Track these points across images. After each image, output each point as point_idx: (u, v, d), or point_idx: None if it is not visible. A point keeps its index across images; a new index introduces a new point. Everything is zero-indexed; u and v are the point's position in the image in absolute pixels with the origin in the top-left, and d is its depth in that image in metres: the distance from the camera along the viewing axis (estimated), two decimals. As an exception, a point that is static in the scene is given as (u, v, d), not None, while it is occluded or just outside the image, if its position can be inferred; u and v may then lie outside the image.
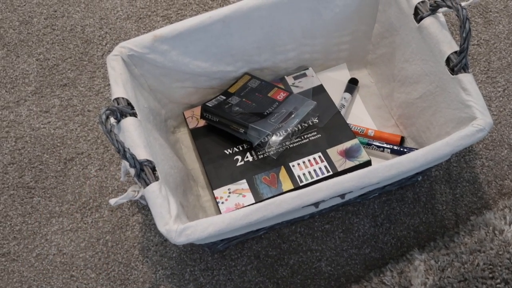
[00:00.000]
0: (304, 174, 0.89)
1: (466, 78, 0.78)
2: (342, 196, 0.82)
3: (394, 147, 0.97)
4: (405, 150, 0.96)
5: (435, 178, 0.99)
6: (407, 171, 0.74)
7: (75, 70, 1.15)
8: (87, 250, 0.96)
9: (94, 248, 0.97)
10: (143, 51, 0.87)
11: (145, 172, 0.73)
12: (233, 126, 0.93)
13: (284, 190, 0.87)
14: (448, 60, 0.81)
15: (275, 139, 0.92)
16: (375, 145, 0.98)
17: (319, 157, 0.91)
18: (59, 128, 1.08)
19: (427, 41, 0.85)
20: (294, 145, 0.93)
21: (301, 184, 0.88)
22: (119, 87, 0.81)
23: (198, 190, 0.98)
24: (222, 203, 0.86)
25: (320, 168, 0.89)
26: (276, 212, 0.71)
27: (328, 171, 0.89)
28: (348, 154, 0.91)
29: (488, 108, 1.01)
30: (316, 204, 0.80)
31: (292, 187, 0.87)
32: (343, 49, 1.06)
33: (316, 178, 0.88)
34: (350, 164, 0.89)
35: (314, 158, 0.91)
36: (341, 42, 1.04)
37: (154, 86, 0.94)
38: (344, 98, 1.04)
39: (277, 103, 0.97)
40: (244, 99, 0.97)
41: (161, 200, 0.71)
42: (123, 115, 0.78)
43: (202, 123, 0.99)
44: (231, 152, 0.94)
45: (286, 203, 0.71)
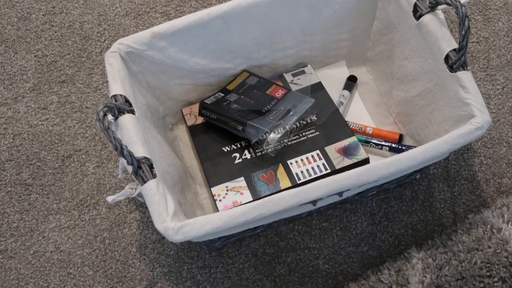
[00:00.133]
0: (302, 172, 0.89)
1: (465, 76, 0.78)
2: (340, 194, 0.82)
3: (393, 145, 0.97)
4: (404, 148, 0.96)
5: (433, 176, 0.99)
6: (405, 169, 0.74)
7: (73, 67, 1.15)
8: (85, 248, 0.96)
9: (92, 246, 0.96)
10: (141, 48, 0.87)
11: (143, 170, 0.73)
12: (231, 124, 0.92)
13: (282, 188, 0.87)
14: (447, 58, 0.80)
15: (273, 137, 0.91)
16: (374, 143, 0.98)
17: (317, 155, 0.91)
18: (57, 125, 1.08)
19: (426, 39, 0.84)
20: (292, 143, 0.93)
21: (299, 182, 0.87)
22: (117, 84, 0.81)
23: (196, 188, 0.97)
24: (220, 201, 0.86)
25: (318, 166, 0.89)
26: (274, 210, 0.71)
27: (326, 169, 0.89)
28: (346, 152, 0.90)
29: (487, 106, 1.01)
30: (314, 202, 0.80)
31: (290, 185, 0.87)
32: (342, 46, 1.06)
33: (314, 176, 0.88)
34: (348, 162, 0.89)
35: (312, 156, 0.91)
36: (340, 39, 1.04)
37: (152, 83, 0.94)
38: (343, 96, 1.04)
39: (276, 101, 0.96)
40: (243, 96, 0.96)
41: (159, 198, 0.71)
42: (121, 112, 0.77)
43: (200, 120, 0.99)
44: (229, 150, 0.94)
45: (284, 201, 0.71)
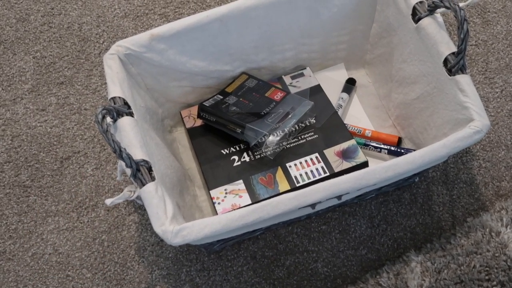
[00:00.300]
0: (301, 175, 0.89)
1: (464, 79, 0.78)
2: (339, 197, 0.82)
3: (391, 148, 0.97)
4: (402, 151, 0.96)
5: (432, 179, 0.99)
6: (404, 173, 0.74)
7: (72, 68, 1.15)
8: (83, 250, 0.96)
9: (90, 248, 0.96)
10: (140, 50, 0.87)
11: (141, 172, 0.73)
12: (230, 126, 0.92)
13: (281, 191, 0.87)
14: (446, 61, 0.80)
15: (272, 139, 0.91)
16: (372, 146, 0.98)
17: (316, 158, 0.91)
18: (56, 127, 1.08)
19: (425, 42, 0.84)
20: (291, 146, 0.93)
21: (298, 185, 0.87)
22: (116, 86, 0.81)
23: (195, 190, 0.97)
24: (219, 204, 0.86)
25: (317, 169, 0.89)
26: (273, 213, 0.71)
27: (325, 172, 0.88)
28: (345, 155, 0.90)
29: (486, 109, 1.01)
30: (313, 205, 0.80)
31: (289, 188, 0.87)
32: (341, 49, 1.06)
33: (313, 179, 0.88)
34: (347, 165, 0.89)
35: (311, 159, 0.91)
36: (339, 42, 1.04)
37: (151, 85, 0.94)
38: (342, 98, 1.04)
39: (274, 103, 0.96)
40: (241, 99, 0.96)
41: (157, 201, 0.71)
42: (120, 115, 0.77)
43: (199, 123, 0.99)
44: (228, 152, 0.93)
45: (283, 204, 0.71)
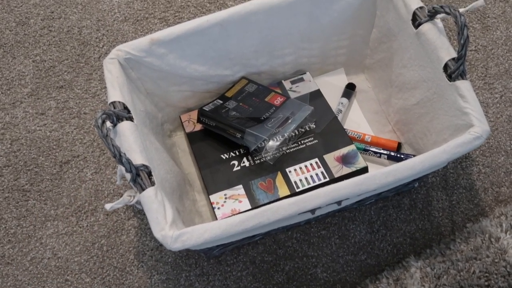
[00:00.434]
0: (301, 180, 0.88)
1: (464, 85, 0.78)
2: (339, 203, 0.81)
3: (391, 153, 0.97)
4: (402, 157, 0.96)
5: (432, 185, 0.99)
6: (404, 178, 0.74)
7: (72, 72, 1.15)
8: (82, 254, 0.96)
9: (89, 252, 0.96)
10: (140, 55, 0.87)
11: (141, 177, 0.73)
12: (230, 131, 0.92)
13: (281, 196, 0.86)
14: (446, 67, 0.80)
15: (272, 144, 0.91)
16: (372, 151, 0.98)
17: (316, 163, 0.91)
18: (55, 131, 1.08)
19: (425, 47, 0.84)
20: (291, 151, 0.93)
21: (298, 190, 0.87)
22: (116, 91, 0.81)
23: (194, 195, 0.97)
24: (218, 209, 0.86)
25: (317, 174, 0.89)
26: (273, 219, 0.71)
27: (325, 177, 0.88)
28: (345, 160, 0.90)
29: (485, 115, 1.01)
30: (313, 211, 0.79)
31: (289, 193, 0.87)
32: (341, 54, 1.06)
33: (313, 184, 0.88)
34: (347, 170, 0.89)
35: (311, 164, 0.91)
36: (339, 47, 1.04)
37: (151, 90, 0.94)
38: (341, 103, 1.04)
39: (274, 108, 0.96)
40: (241, 104, 0.96)
41: (157, 206, 0.71)
42: (120, 119, 0.77)
43: (199, 127, 0.99)
44: (228, 157, 0.93)
45: (283, 210, 0.71)
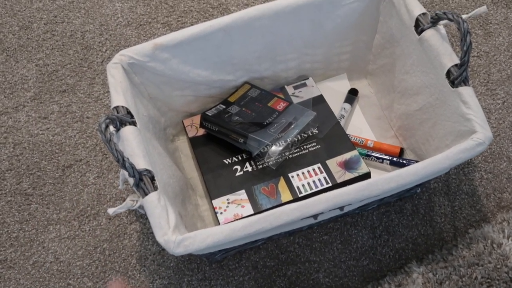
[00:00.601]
0: (303, 185, 0.89)
1: (466, 91, 0.78)
2: (341, 208, 0.81)
3: (394, 159, 0.97)
4: (404, 162, 0.96)
5: (434, 190, 0.99)
6: (407, 184, 0.74)
7: (75, 76, 1.15)
8: (84, 258, 0.96)
9: (91, 257, 0.96)
10: (144, 59, 0.87)
11: (144, 182, 0.73)
12: (233, 136, 0.92)
13: (283, 201, 0.87)
14: (449, 73, 0.80)
15: (275, 149, 0.92)
16: (374, 157, 0.98)
17: (319, 168, 0.91)
18: (58, 135, 1.08)
19: (428, 53, 0.85)
20: (294, 156, 0.93)
21: (300, 195, 0.87)
22: (119, 96, 0.81)
23: (197, 199, 0.97)
24: (221, 214, 0.86)
25: (320, 179, 0.89)
26: (275, 224, 0.71)
27: (328, 183, 0.88)
28: (348, 166, 0.90)
29: (488, 121, 1.01)
30: (315, 216, 0.80)
31: (291, 198, 0.87)
32: (344, 59, 1.06)
33: (315, 190, 0.88)
34: (350, 176, 0.89)
35: (314, 169, 0.91)
36: (342, 52, 1.04)
37: (154, 94, 0.94)
38: (344, 109, 1.04)
39: (277, 113, 0.96)
40: (244, 109, 0.96)
41: (160, 210, 0.71)
42: (123, 124, 0.77)
43: (202, 132, 0.99)
44: (230, 162, 0.93)
45: (286, 215, 0.71)
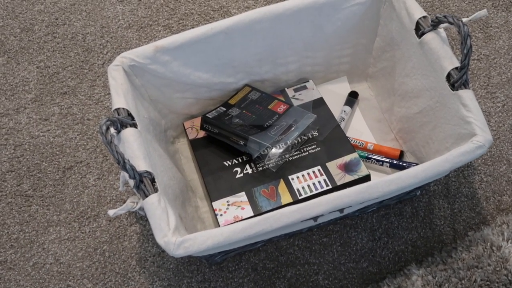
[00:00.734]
0: (303, 188, 0.89)
1: (467, 94, 0.78)
2: (341, 210, 0.82)
3: (393, 161, 0.97)
4: (404, 165, 0.96)
5: (434, 193, 0.99)
6: (407, 187, 0.74)
7: (76, 79, 1.15)
8: (84, 260, 0.96)
9: (91, 258, 0.96)
10: (145, 62, 0.87)
11: (144, 184, 0.73)
12: (233, 138, 0.93)
13: (283, 203, 0.87)
14: (449, 76, 0.81)
15: (275, 152, 0.92)
16: (374, 159, 0.98)
17: (319, 171, 0.91)
18: (58, 137, 1.08)
19: (428, 56, 0.85)
20: (294, 158, 0.93)
21: (300, 198, 0.87)
22: (120, 98, 0.81)
23: (197, 201, 0.97)
24: (221, 216, 0.86)
25: (320, 182, 0.89)
26: (275, 226, 0.71)
27: (328, 185, 0.89)
28: (348, 168, 0.91)
29: (487, 124, 1.01)
30: (315, 218, 0.80)
31: (291, 201, 0.87)
32: (344, 62, 1.07)
33: (315, 192, 0.88)
34: (350, 178, 0.89)
35: (314, 172, 0.91)
36: (342, 55, 1.05)
37: (155, 97, 0.94)
38: (344, 111, 1.04)
39: (277, 116, 0.97)
40: (245, 111, 0.97)
41: (160, 212, 0.71)
42: (123, 126, 0.78)
43: (202, 134, 0.99)
44: (231, 164, 0.94)
45: (285, 217, 0.71)
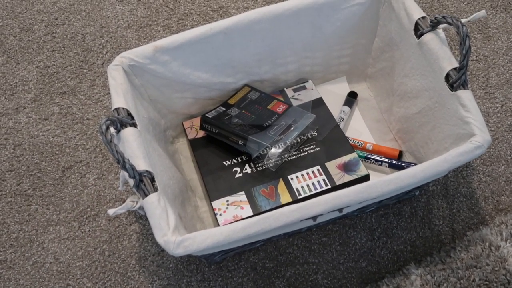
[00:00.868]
0: (303, 187, 0.89)
1: (465, 95, 0.79)
2: (340, 210, 0.82)
3: (392, 162, 0.97)
4: (403, 165, 0.96)
5: (432, 193, 0.99)
6: (406, 187, 0.75)
7: (75, 78, 1.15)
8: (84, 259, 0.96)
9: (91, 257, 0.96)
10: (144, 62, 0.87)
11: (144, 183, 0.73)
12: (232, 138, 0.93)
13: (283, 203, 0.87)
14: (448, 76, 0.81)
15: (274, 152, 0.92)
16: (373, 159, 0.98)
17: (318, 170, 0.91)
18: (58, 136, 1.08)
19: (427, 57, 0.85)
20: (293, 158, 0.93)
21: (300, 197, 0.88)
22: (120, 97, 0.82)
23: (196, 201, 0.98)
24: (220, 215, 0.86)
25: (319, 182, 0.90)
26: (275, 225, 0.71)
27: (327, 185, 0.89)
28: (347, 168, 0.91)
29: (486, 124, 1.01)
30: (314, 218, 0.80)
31: (291, 200, 0.87)
32: (343, 63, 1.07)
33: (315, 192, 0.88)
34: (349, 178, 0.89)
35: (313, 171, 0.91)
36: (341, 56, 1.05)
37: (154, 97, 0.94)
38: (343, 111, 1.04)
39: (277, 116, 0.97)
40: (244, 111, 0.97)
41: (160, 211, 0.71)
42: (123, 125, 0.78)
43: (201, 134, 0.99)
44: (230, 164, 0.94)
45: (285, 216, 0.71)
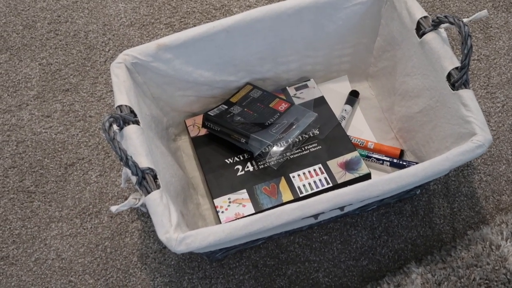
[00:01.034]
0: (304, 185, 0.89)
1: (467, 94, 0.79)
2: (342, 208, 0.82)
3: (394, 160, 0.98)
4: (404, 164, 0.97)
5: (433, 192, 1.00)
6: (407, 185, 0.75)
7: (78, 76, 1.16)
8: (86, 256, 0.97)
9: (93, 254, 0.97)
10: (147, 59, 0.88)
11: (147, 180, 0.74)
12: (234, 136, 0.93)
13: (284, 201, 0.87)
14: (449, 76, 0.81)
15: (276, 150, 0.92)
16: (375, 158, 0.99)
17: (319, 169, 0.91)
18: (61, 133, 1.09)
19: (429, 56, 0.85)
20: (295, 156, 0.94)
21: (301, 195, 0.88)
22: (123, 95, 0.82)
23: (198, 199, 0.98)
24: (222, 213, 0.87)
25: (320, 180, 0.90)
26: (276, 223, 0.71)
27: (328, 183, 0.89)
28: (348, 167, 0.91)
29: (487, 124, 1.02)
30: (316, 216, 0.80)
31: (292, 198, 0.88)
32: (345, 62, 1.07)
33: (316, 190, 0.89)
34: (350, 177, 0.90)
35: (314, 170, 0.91)
36: (343, 55, 1.05)
37: (157, 94, 0.95)
38: (345, 110, 1.05)
39: (279, 114, 0.97)
40: (246, 109, 0.97)
41: (162, 209, 0.72)
42: (126, 123, 0.78)
43: (204, 132, 1.00)
44: (232, 162, 0.94)
45: (286, 214, 0.72)
